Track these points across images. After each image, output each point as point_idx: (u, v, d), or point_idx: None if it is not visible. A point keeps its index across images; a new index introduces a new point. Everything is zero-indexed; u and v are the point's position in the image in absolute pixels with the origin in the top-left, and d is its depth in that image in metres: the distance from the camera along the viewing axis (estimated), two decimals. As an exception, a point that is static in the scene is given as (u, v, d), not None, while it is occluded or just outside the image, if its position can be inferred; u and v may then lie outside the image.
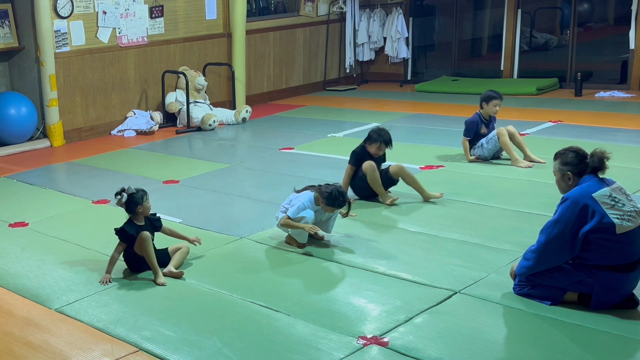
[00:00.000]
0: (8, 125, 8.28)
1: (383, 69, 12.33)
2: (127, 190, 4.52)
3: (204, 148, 8.46)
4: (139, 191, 4.54)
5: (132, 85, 9.34)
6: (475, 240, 4.89)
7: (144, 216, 4.58)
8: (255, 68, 10.76)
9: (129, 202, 4.51)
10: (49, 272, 4.72)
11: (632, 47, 10.07)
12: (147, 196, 4.56)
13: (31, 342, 3.80)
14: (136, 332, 3.83)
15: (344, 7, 11.72)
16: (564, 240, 3.77)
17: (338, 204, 4.83)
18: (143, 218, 4.58)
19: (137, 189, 4.55)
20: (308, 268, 4.61)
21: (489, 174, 6.46)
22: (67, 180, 7.40)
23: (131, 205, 4.52)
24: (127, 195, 4.50)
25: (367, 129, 8.59)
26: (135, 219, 4.56)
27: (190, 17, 9.84)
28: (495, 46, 12.28)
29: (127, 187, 4.55)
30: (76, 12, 8.66)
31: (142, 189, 4.58)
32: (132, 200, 4.51)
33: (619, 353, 3.47)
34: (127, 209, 4.55)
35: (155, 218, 4.68)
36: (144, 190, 4.59)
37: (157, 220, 4.69)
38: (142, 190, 4.57)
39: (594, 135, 7.55)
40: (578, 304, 3.86)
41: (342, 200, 4.83)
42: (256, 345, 3.62)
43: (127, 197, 4.50)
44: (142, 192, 4.55)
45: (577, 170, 3.87)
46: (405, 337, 3.63)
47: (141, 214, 4.55)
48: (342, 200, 4.84)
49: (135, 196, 4.51)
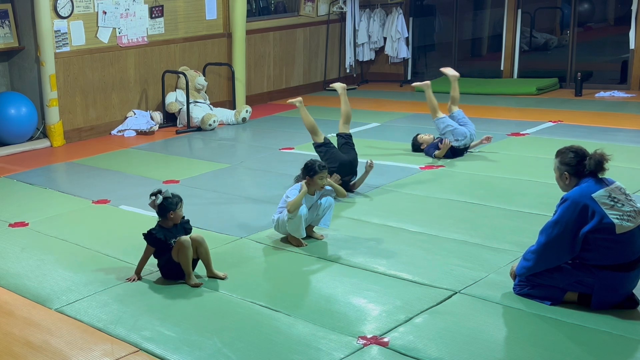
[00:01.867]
0: (8, 125, 8.28)
1: (383, 69, 12.33)
2: (164, 193, 4.39)
3: (204, 148, 8.46)
4: (175, 197, 4.42)
5: (132, 85, 9.34)
6: (475, 240, 4.89)
7: (173, 223, 4.45)
8: (255, 68, 10.76)
9: (162, 206, 4.38)
10: (49, 272, 4.72)
11: (632, 47, 10.07)
12: (181, 203, 4.43)
13: (31, 342, 3.80)
14: (136, 332, 3.83)
15: (344, 7, 11.72)
16: (563, 240, 3.77)
17: (315, 168, 4.90)
18: (172, 224, 4.45)
19: (173, 194, 4.42)
20: (308, 268, 4.61)
21: (489, 174, 6.45)
22: (67, 180, 7.40)
23: (163, 210, 4.40)
24: (163, 197, 4.38)
25: (368, 129, 8.64)
26: (164, 224, 4.44)
27: (190, 17, 9.84)
28: (495, 46, 12.28)
29: (164, 189, 4.42)
30: (76, 12, 8.66)
31: (178, 195, 4.45)
32: (166, 204, 4.39)
33: (619, 353, 3.47)
34: (159, 211, 4.42)
35: (185, 221, 4.54)
36: (179, 197, 4.45)
37: (187, 222, 4.55)
38: (178, 197, 4.44)
39: (594, 135, 7.55)
40: (578, 304, 3.86)
41: (318, 164, 4.94)
42: (256, 345, 3.62)
43: (162, 200, 4.38)
44: (178, 199, 4.42)
45: (573, 171, 3.87)
46: (405, 337, 3.63)
47: (172, 219, 4.42)
48: (318, 164, 4.94)
49: (170, 201, 4.38)
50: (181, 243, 4.31)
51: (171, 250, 4.38)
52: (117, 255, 4.87)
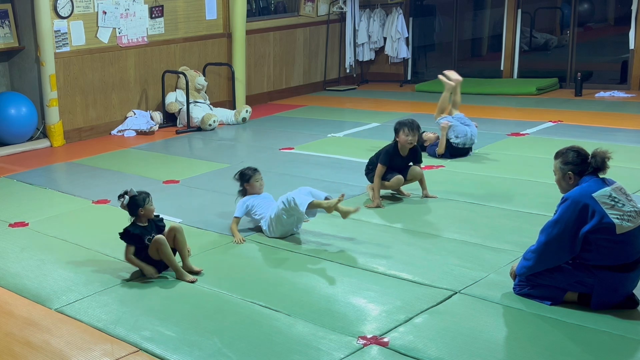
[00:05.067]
0: (8, 125, 8.28)
1: (383, 69, 12.33)
2: (129, 193, 4.49)
3: (204, 148, 8.46)
4: (141, 194, 4.51)
5: (132, 85, 9.34)
6: (475, 240, 4.89)
7: (146, 218, 4.54)
8: (255, 68, 10.76)
9: (131, 205, 4.49)
10: (49, 272, 4.72)
11: (632, 47, 10.08)
12: (149, 198, 4.52)
13: (31, 342, 3.80)
14: (136, 332, 3.83)
15: (344, 7, 11.72)
16: (564, 240, 3.77)
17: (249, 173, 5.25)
18: (146, 220, 4.55)
19: (139, 192, 4.52)
20: (308, 268, 4.61)
21: (489, 174, 6.46)
22: (67, 180, 7.40)
23: (133, 208, 4.49)
24: (129, 197, 4.48)
25: (368, 129, 8.64)
26: (138, 221, 4.54)
27: (190, 17, 9.85)
28: (495, 46, 12.29)
29: (129, 189, 4.52)
30: (76, 12, 8.66)
31: (144, 192, 4.55)
32: (134, 202, 4.48)
33: (619, 353, 3.47)
34: (130, 211, 4.52)
35: (158, 219, 4.64)
36: (146, 192, 4.55)
37: (160, 220, 4.66)
38: (145, 193, 4.53)
39: (594, 135, 7.55)
40: (578, 304, 3.86)
41: (248, 169, 5.30)
42: (256, 345, 3.62)
43: (129, 200, 4.48)
44: (145, 195, 4.52)
45: (578, 170, 3.86)
46: (405, 337, 3.63)
47: (143, 216, 4.52)
48: (248, 169, 5.30)
49: (137, 198, 4.48)
50: (157, 241, 4.42)
51: (146, 248, 4.48)
52: (117, 255, 4.87)
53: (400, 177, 5.73)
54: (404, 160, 5.80)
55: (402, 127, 5.68)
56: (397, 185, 5.76)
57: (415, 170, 5.82)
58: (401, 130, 5.68)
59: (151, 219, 4.57)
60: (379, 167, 5.70)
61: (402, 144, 5.71)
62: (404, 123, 5.70)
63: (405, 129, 5.65)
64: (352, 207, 4.88)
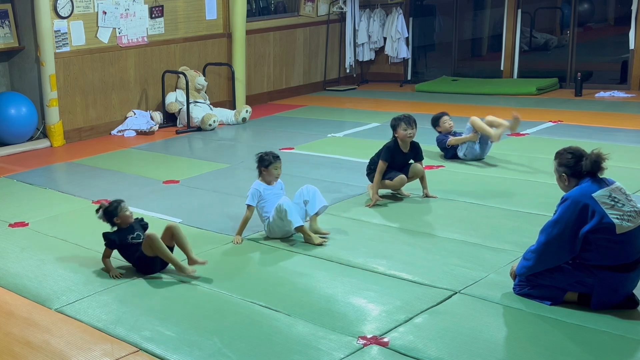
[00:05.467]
0: (8, 125, 8.28)
1: (383, 69, 12.33)
2: (102, 206, 4.62)
3: (204, 148, 8.46)
4: (113, 203, 4.61)
5: (132, 85, 9.34)
6: (475, 240, 4.89)
7: (126, 225, 4.61)
8: (255, 68, 10.76)
9: (106, 216, 4.61)
10: (49, 272, 4.72)
11: (632, 47, 10.07)
12: (121, 206, 4.59)
13: (31, 342, 3.80)
14: (136, 332, 3.83)
15: (344, 7, 11.72)
16: (563, 240, 3.77)
17: (270, 159, 5.08)
18: (126, 225, 4.62)
19: (112, 202, 4.63)
20: (308, 268, 4.61)
21: (489, 174, 6.46)
22: (67, 180, 7.40)
23: (110, 218, 4.61)
24: (103, 210, 4.61)
25: (368, 129, 8.64)
26: (119, 227, 4.63)
27: (190, 17, 9.85)
28: (495, 46, 12.29)
29: (102, 203, 4.66)
30: (76, 12, 8.66)
31: (117, 200, 4.63)
32: (108, 213, 4.60)
33: (619, 353, 3.47)
34: (109, 222, 4.63)
35: (140, 219, 4.76)
36: (118, 201, 4.63)
37: (142, 220, 4.78)
38: (117, 202, 4.62)
39: (594, 135, 7.55)
40: (578, 304, 3.86)
41: (271, 155, 5.11)
42: (256, 345, 3.62)
43: (102, 213, 4.61)
44: (116, 204, 4.60)
45: (571, 172, 3.87)
46: (405, 337, 3.63)
47: (120, 224, 4.61)
48: (272, 155, 5.11)
49: (109, 209, 4.60)
50: (149, 237, 4.45)
51: (135, 247, 4.54)
52: (117, 255, 4.86)
53: (404, 177, 5.73)
54: (406, 156, 5.80)
55: (399, 122, 5.69)
56: (400, 185, 5.76)
57: (417, 167, 5.82)
58: (399, 126, 5.69)
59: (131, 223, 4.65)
60: (380, 163, 5.70)
61: (401, 139, 5.72)
62: (400, 118, 5.71)
63: (403, 123, 5.67)
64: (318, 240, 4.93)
